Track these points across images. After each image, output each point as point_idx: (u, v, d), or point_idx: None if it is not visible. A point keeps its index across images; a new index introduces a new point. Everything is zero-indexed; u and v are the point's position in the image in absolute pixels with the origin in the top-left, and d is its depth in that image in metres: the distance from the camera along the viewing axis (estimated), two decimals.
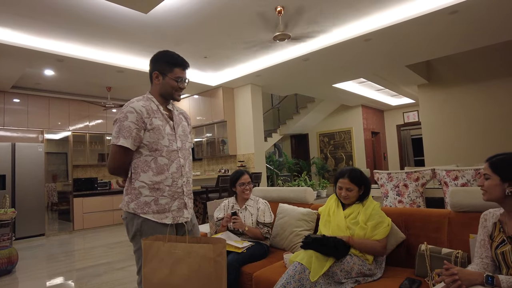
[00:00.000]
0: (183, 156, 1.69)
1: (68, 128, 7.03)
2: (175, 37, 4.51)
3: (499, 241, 1.41)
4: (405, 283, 1.74)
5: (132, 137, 1.52)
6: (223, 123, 6.97)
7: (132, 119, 1.52)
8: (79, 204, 6.48)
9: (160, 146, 1.58)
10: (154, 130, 1.57)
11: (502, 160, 1.42)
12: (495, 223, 1.47)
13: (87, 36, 4.39)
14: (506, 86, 6.65)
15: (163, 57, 1.69)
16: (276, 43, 4.86)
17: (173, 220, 1.60)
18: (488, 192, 1.43)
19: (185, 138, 1.74)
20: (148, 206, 1.55)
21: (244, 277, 2.19)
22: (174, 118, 1.72)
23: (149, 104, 1.62)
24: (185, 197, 1.66)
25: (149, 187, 1.56)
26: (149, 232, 1.53)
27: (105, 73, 5.53)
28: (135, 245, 1.59)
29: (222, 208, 2.71)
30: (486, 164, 1.47)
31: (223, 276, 1.29)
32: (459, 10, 3.94)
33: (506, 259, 1.35)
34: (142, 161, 1.57)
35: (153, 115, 1.60)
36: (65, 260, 4.24)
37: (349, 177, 2.08)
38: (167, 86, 1.66)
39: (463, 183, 3.07)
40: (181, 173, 1.65)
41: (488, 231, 1.50)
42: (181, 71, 1.69)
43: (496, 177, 1.40)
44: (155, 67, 1.68)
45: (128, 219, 1.58)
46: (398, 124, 10.59)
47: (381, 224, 1.97)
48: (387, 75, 7.13)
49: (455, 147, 7.19)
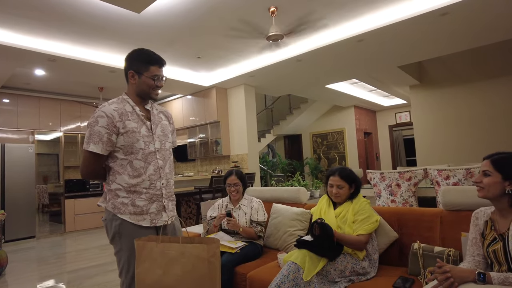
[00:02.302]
0: (161, 158, 1.65)
1: (59, 128, 6.95)
2: (168, 37, 4.49)
3: (491, 239, 1.43)
4: (399, 282, 1.75)
5: (103, 142, 1.49)
6: (217, 123, 6.95)
7: (102, 123, 1.49)
8: (70, 205, 6.40)
9: (135, 150, 1.55)
10: (128, 134, 1.54)
11: (505, 159, 1.43)
12: (487, 221, 1.49)
13: (79, 36, 4.34)
14: (495, 87, 6.75)
15: (138, 56, 1.63)
16: (269, 43, 4.86)
17: (151, 223, 1.58)
18: (486, 189, 1.43)
19: (164, 139, 1.70)
20: (125, 206, 1.53)
21: (238, 277, 2.18)
22: (153, 118, 1.67)
23: (122, 106, 1.58)
24: (165, 200, 1.63)
25: (125, 189, 1.54)
26: (128, 234, 1.52)
27: (97, 73, 5.47)
28: (115, 247, 1.58)
29: (215, 208, 2.71)
30: (487, 161, 1.47)
31: (217, 277, 1.28)
32: (449, 12, 3.98)
33: (498, 256, 1.37)
34: (118, 164, 1.55)
35: (126, 117, 1.55)
36: (56, 263, 4.19)
37: (339, 174, 2.10)
38: (144, 85, 1.61)
39: (454, 182, 3.10)
40: (159, 175, 1.62)
41: (479, 229, 1.51)
42: (158, 69, 1.62)
43: (497, 175, 1.40)
44: (130, 66, 1.62)
45: (107, 221, 1.57)
46: (391, 124, 10.68)
47: (369, 219, 1.98)
48: (380, 75, 7.18)
49: (446, 147, 7.28)
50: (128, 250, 1.52)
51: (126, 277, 1.54)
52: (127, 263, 1.53)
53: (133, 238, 1.46)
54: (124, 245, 1.53)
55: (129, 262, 1.52)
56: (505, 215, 1.42)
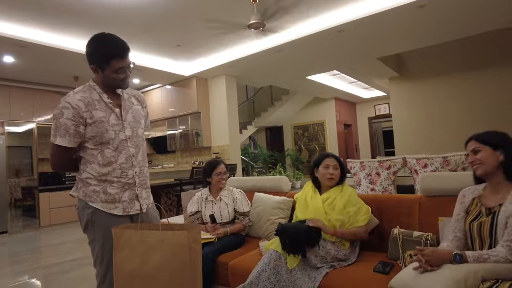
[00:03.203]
0: (133, 145, 1.58)
1: (32, 119, 6.65)
2: (145, 24, 4.35)
3: (476, 214, 1.48)
4: (379, 266, 1.77)
5: (70, 135, 1.42)
6: (197, 114, 6.85)
7: (68, 115, 1.41)
8: (45, 199, 6.17)
9: (104, 140, 1.49)
10: (96, 124, 1.46)
11: (486, 133, 1.51)
12: (474, 198, 1.54)
13: (52, 21, 4.13)
14: (471, 80, 6.95)
15: (96, 50, 1.47)
16: (250, 32, 4.80)
17: (124, 212, 1.53)
18: (485, 163, 1.46)
19: (136, 125, 1.61)
20: (96, 194, 1.48)
21: (220, 266, 2.16)
22: (123, 103, 1.58)
23: (89, 94, 1.48)
24: (138, 188, 1.58)
25: (95, 178, 1.49)
26: (100, 222, 1.48)
27: (72, 61, 5.24)
28: (89, 236, 1.53)
29: (195, 201, 2.62)
30: (472, 141, 1.53)
31: (198, 263, 1.25)
32: (426, 4, 4.04)
33: (482, 231, 1.41)
34: (89, 154, 1.49)
35: (93, 107, 1.47)
36: (30, 258, 4.03)
37: (333, 157, 2.19)
38: (109, 79, 1.50)
39: (432, 170, 3.18)
40: (131, 163, 1.56)
41: (464, 207, 1.56)
42: (120, 61, 1.47)
43: (486, 147, 1.47)
44: (91, 60, 1.49)
45: (80, 209, 1.52)
46: (370, 116, 10.86)
47: (360, 210, 2.02)
48: (360, 67, 7.26)
49: (423, 139, 7.46)
50: (101, 238, 1.47)
51: (101, 266, 1.49)
52: (100, 252, 1.48)
53: (106, 227, 1.41)
54: (97, 234, 1.49)
55: (103, 251, 1.47)
56: (498, 189, 1.46)
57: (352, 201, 2.04)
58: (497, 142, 1.46)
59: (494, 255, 1.29)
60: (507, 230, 1.32)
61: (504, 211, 1.36)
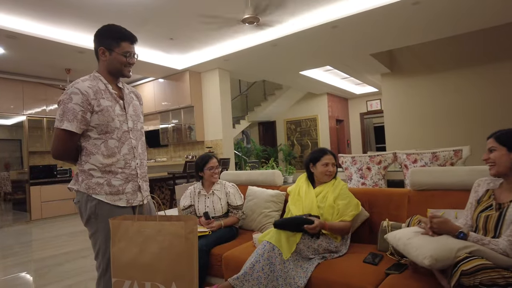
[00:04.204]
0: (134, 137, 1.62)
1: (22, 112, 6.56)
2: (139, 17, 4.31)
3: (487, 205, 1.53)
4: (369, 257, 1.83)
5: (78, 120, 1.43)
6: (190, 108, 6.83)
7: (77, 100, 1.43)
8: (36, 192, 6.13)
9: (110, 129, 1.51)
10: (103, 112, 1.49)
11: (507, 133, 1.52)
12: (488, 190, 1.59)
13: (43, 13, 4.07)
14: (460, 76, 7.07)
15: (108, 32, 1.57)
16: (244, 27, 4.81)
17: (127, 203, 1.55)
18: (497, 164, 1.50)
19: (136, 118, 1.66)
20: (100, 187, 1.49)
21: (213, 258, 2.20)
22: (125, 97, 1.63)
23: (96, 84, 1.52)
24: (139, 180, 1.61)
25: (99, 169, 1.50)
26: (104, 214, 1.48)
27: (64, 53, 5.17)
28: (90, 229, 1.53)
29: (188, 195, 2.64)
30: (491, 139, 1.55)
31: (194, 253, 1.28)
32: (420, 1, 4.09)
33: (488, 223, 1.47)
34: (92, 144, 1.50)
35: (100, 95, 1.50)
36: (22, 251, 4.02)
37: (331, 153, 2.23)
38: (115, 62, 1.56)
39: (421, 165, 3.25)
40: (133, 155, 1.59)
41: (477, 196, 1.62)
42: (129, 45, 1.58)
43: (503, 148, 1.49)
44: (101, 42, 1.56)
45: (81, 203, 1.51)
46: (362, 112, 10.96)
47: (350, 204, 2.06)
48: (353, 63, 7.31)
49: (414, 134, 7.58)
50: (104, 230, 1.48)
51: (103, 259, 1.50)
52: (104, 244, 1.49)
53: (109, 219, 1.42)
54: (100, 226, 1.49)
55: (106, 243, 1.48)
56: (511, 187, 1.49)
57: (343, 194, 2.10)
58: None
59: (494, 243, 1.35)
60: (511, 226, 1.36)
61: None
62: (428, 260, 1.31)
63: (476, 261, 1.25)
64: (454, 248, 1.32)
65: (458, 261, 1.28)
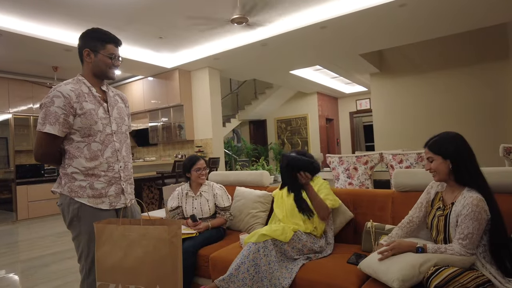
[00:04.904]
0: (118, 140, 1.63)
1: (8, 110, 6.45)
2: (127, 15, 4.28)
3: (438, 206, 1.63)
4: (352, 258, 1.87)
5: (60, 123, 1.43)
6: (180, 107, 6.81)
7: (59, 103, 1.43)
8: (23, 192, 6.04)
9: (93, 132, 1.52)
10: (86, 115, 1.49)
11: (436, 141, 1.61)
12: (438, 192, 1.69)
13: (30, 9, 4.00)
14: (448, 77, 7.19)
15: (93, 33, 1.59)
16: (234, 26, 4.81)
17: (110, 206, 1.56)
18: (438, 172, 1.59)
19: (121, 121, 1.67)
20: (83, 190, 1.50)
21: (201, 259, 2.21)
22: (109, 99, 1.64)
23: (79, 87, 1.53)
24: (123, 183, 1.62)
25: (82, 173, 1.50)
26: (87, 217, 1.49)
27: (51, 51, 5.11)
28: (73, 232, 1.54)
29: (175, 197, 2.64)
30: (426, 149, 1.64)
31: (178, 257, 1.30)
32: (407, 4, 4.15)
33: (439, 224, 1.58)
34: (74, 147, 1.50)
35: (83, 98, 1.51)
36: (8, 252, 3.97)
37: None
38: (100, 63, 1.58)
39: (407, 165, 3.31)
40: (116, 158, 1.60)
41: (429, 197, 1.72)
42: (114, 47, 1.61)
43: (438, 157, 1.58)
44: (86, 44, 1.57)
45: (64, 205, 1.52)
46: (351, 111, 11.06)
47: (328, 196, 2.12)
48: (342, 63, 7.38)
49: (402, 133, 7.70)
50: (87, 233, 1.49)
51: (86, 261, 1.51)
52: (86, 247, 1.50)
53: (92, 222, 1.43)
54: (83, 229, 1.50)
55: (88, 246, 1.49)
56: (453, 189, 1.60)
57: (323, 189, 2.16)
58: (445, 152, 1.56)
59: (450, 249, 1.45)
60: (458, 229, 1.47)
61: (454, 211, 1.52)
62: (397, 283, 1.36)
63: (444, 272, 1.32)
64: (417, 265, 1.39)
65: (429, 276, 1.34)
